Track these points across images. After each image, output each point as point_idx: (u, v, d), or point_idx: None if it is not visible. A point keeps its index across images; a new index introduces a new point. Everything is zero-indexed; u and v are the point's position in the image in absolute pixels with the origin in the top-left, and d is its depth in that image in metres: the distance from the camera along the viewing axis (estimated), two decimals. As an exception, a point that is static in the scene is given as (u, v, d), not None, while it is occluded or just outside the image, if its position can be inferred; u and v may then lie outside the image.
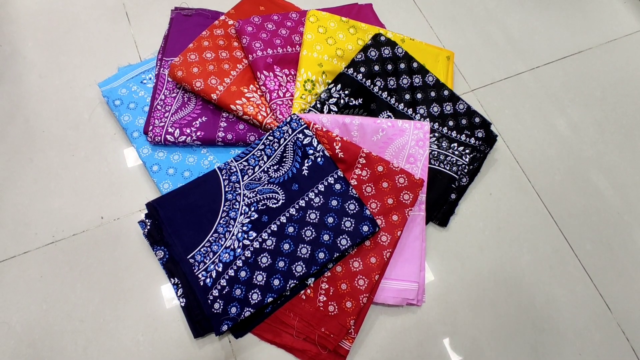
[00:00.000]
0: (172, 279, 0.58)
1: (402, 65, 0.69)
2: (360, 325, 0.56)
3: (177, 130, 0.64)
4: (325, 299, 0.55)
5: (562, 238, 0.67)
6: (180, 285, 0.57)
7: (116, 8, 0.79)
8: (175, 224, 0.59)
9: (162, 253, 0.59)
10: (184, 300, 0.56)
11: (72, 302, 0.58)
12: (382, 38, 0.69)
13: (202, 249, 0.57)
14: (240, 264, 0.56)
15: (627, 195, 0.71)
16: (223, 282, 0.55)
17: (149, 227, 0.59)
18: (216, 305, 0.54)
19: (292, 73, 0.67)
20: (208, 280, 0.55)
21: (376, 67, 0.68)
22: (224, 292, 0.54)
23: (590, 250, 0.66)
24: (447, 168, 0.65)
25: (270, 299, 0.53)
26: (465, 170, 0.66)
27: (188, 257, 0.57)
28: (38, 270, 0.59)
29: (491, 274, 0.63)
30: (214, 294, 0.55)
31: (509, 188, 0.70)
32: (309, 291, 0.56)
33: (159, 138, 0.63)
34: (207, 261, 0.56)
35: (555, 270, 0.65)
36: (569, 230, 0.67)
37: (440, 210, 0.64)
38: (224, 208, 0.59)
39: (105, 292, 0.58)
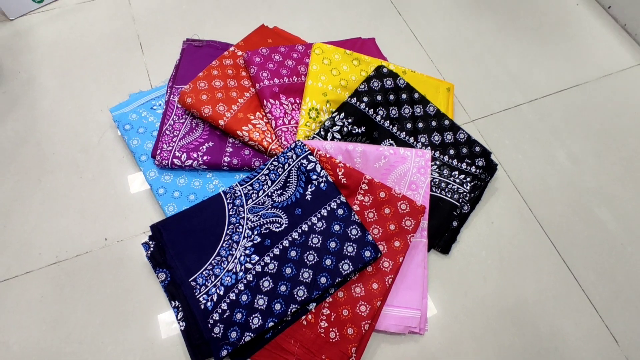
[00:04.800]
0: (172, 302, 0.58)
1: (404, 96, 0.71)
2: (362, 353, 0.55)
3: (184, 154, 0.65)
4: (326, 325, 0.54)
5: (565, 268, 0.66)
6: (180, 309, 0.57)
7: (130, 38, 0.83)
8: (178, 247, 0.59)
9: (164, 275, 0.59)
10: (184, 324, 0.56)
11: (71, 323, 0.57)
12: (385, 70, 0.72)
13: (204, 272, 0.57)
14: (242, 288, 0.56)
15: (629, 226, 0.71)
16: (224, 305, 0.55)
17: (152, 249, 0.60)
18: (216, 330, 0.53)
19: (297, 102, 0.70)
20: (209, 303, 0.55)
21: (379, 97, 0.70)
22: (225, 316, 0.54)
23: (594, 281, 0.66)
24: (449, 196, 0.66)
25: (271, 324, 0.53)
26: (467, 198, 0.67)
27: (190, 280, 0.57)
28: (39, 290, 0.59)
29: (495, 304, 0.63)
30: (214, 318, 0.54)
31: (510, 217, 0.70)
32: (310, 317, 0.55)
33: (167, 162, 0.65)
34: (208, 284, 0.56)
35: (560, 301, 0.64)
36: (572, 261, 0.67)
37: (442, 238, 0.65)
38: (227, 231, 0.60)
39: (106, 314, 0.58)
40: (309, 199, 0.60)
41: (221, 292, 0.56)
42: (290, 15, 0.89)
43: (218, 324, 0.53)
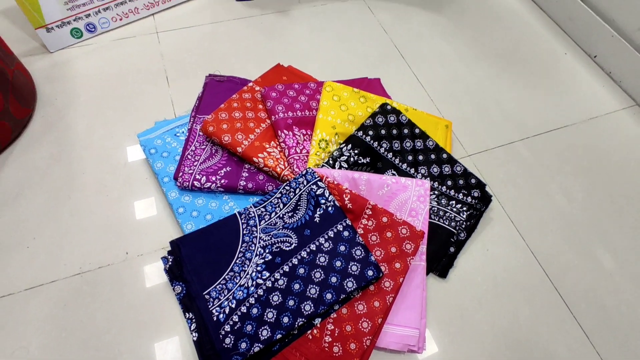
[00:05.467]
0: (186, 314, 0.61)
1: (406, 131, 0.78)
2: (363, 368, 0.58)
3: (204, 177, 0.71)
4: (330, 339, 0.58)
5: (557, 295, 0.70)
6: (193, 320, 0.61)
7: (158, 72, 0.92)
8: (195, 262, 0.64)
9: (180, 288, 0.63)
10: (196, 335, 0.59)
11: (90, 331, 0.61)
12: (388, 107, 0.79)
13: (217, 286, 0.61)
14: (253, 301, 0.60)
15: (617, 257, 0.75)
16: (235, 317, 0.59)
17: (170, 263, 0.64)
18: (227, 340, 0.57)
19: (309, 133, 0.77)
20: (221, 316, 0.59)
21: (383, 131, 0.77)
22: (236, 328, 0.58)
23: (585, 308, 0.69)
24: (446, 223, 0.71)
25: (279, 336, 0.56)
26: (463, 226, 0.72)
27: (204, 293, 0.61)
28: (62, 299, 0.63)
29: (489, 327, 0.66)
30: (225, 329, 0.58)
31: (504, 245, 0.75)
32: (315, 331, 0.59)
33: (187, 184, 0.70)
34: (221, 298, 0.60)
35: (552, 327, 0.67)
36: (563, 289, 0.71)
37: (440, 262, 0.69)
38: (241, 249, 0.65)
39: (123, 324, 0.62)
40: (318, 221, 0.66)
41: (233, 305, 0.60)
42: (304, 56, 0.98)
43: (229, 335, 0.57)
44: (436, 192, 0.74)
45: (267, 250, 0.64)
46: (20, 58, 0.88)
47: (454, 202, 0.74)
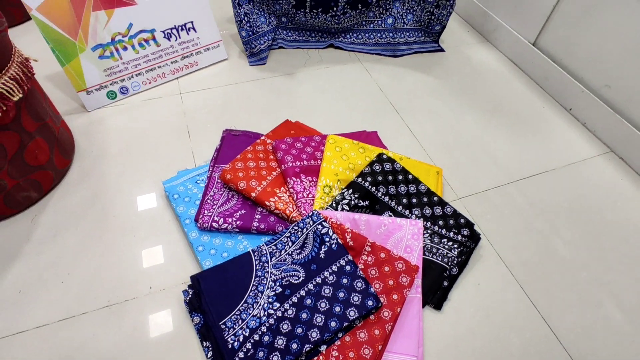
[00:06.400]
0: (203, 342, 0.68)
1: (400, 177, 0.88)
2: (366, 393, 0.63)
3: (222, 219, 0.80)
4: (335, 365, 0.64)
5: (546, 326, 0.76)
6: (210, 349, 0.67)
7: (181, 128, 1.04)
8: (213, 295, 0.71)
9: (198, 319, 0.70)
10: (213, 362, 0.65)
11: (116, 359, 0.67)
12: (384, 156, 0.89)
13: (233, 317, 0.68)
14: (265, 330, 0.66)
15: (602, 288, 0.81)
16: (249, 345, 0.65)
17: (190, 295, 0.72)
18: (241, 366, 0.63)
19: (314, 180, 0.87)
20: (236, 343, 0.65)
21: (380, 178, 0.87)
22: (249, 354, 0.64)
23: (574, 339, 0.74)
24: (439, 259, 0.79)
25: (288, 361, 0.62)
26: (455, 262, 0.79)
27: (220, 323, 0.68)
28: (92, 329, 0.70)
29: (483, 356, 0.71)
30: (239, 356, 0.64)
31: (494, 280, 0.81)
32: (321, 358, 0.65)
33: (207, 225, 0.79)
34: (236, 327, 0.67)
35: (544, 356, 0.72)
36: (551, 320, 0.76)
37: (435, 296, 0.76)
38: (254, 283, 0.72)
39: (145, 352, 0.68)
40: (323, 257, 0.73)
41: (247, 334, 0.66)
42: (310, 112, 1.10)
43: (243, 361, 0.63)
44: (429, 231, 0.83)
45: (277, 284, 0.71)
46: (64, 116, 1.01)
47: (445, 240, 0.82)
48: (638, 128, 1.03)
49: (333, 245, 0.74)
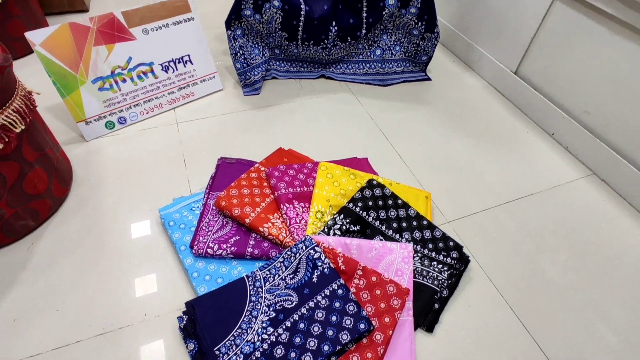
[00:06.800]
0: (198, 370, 0.68)
1: (390, 202, 0.91)
2: (359, 417, 0.63)
3: (216, 245, 0.82)
4: (328, 389, 0.64)
5: (536, 347, 0.77)
6: (205, 376, 0.67)
7: (177, 156, 1.07)
8: (207, 320, 0.72)
9: (193, 345, 0.70)
10: (207, 389, 0.66)
11: (110, 388, 0.67)
12: (374, 182, 0.92)
13: (227, 342, 0.69)
14: (259, 355, 0.67)
15: (590, 307, 0.83)
16: (243, 371, 0.65)
17: (185, 322, 0.72)
18: (235, 392, 0.63)
19: (307, 206, 0.89)
20: (230, 370, 0.66)
21: (370, 203, 0.89)
22: (243, 380, 0.64)
23: (563, 357, 0.76)
24: (430, 282, 0.80)
25: (282, 386, 0.63)
26: (445, 284, 0.81)
27: (215, 349, 0.68)
28: (86, 358, 0.70)
29: (475, 378, 0.72)
30: (234, 382, 0.64)
31: (484, 302, 0.83)
32: (314, 382, 0.65)
33: (202, 251, 0.81)
34: (230, 353, 0.68)
35: (533, 378, 0.73)
36: (542, 340, 0.78)
37: (426, 318, 0.77)
38: (248, 308, 0.73)
39: (140, 380, 0.68)
40: (315, 281, 0.75)
41: (241, 359, 0.67)
42: (302, 140, 1.14)
43: (237, 387, 0.64)
44: (419, 255, 0.85)
45: (271, 309, 0.73)
46: (62, 146, 1.04)
47: (435, 262, 0.84)
48: (617, 151, 1.08)
49: (325, 270, 0.76)
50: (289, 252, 0.79)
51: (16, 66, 1.35)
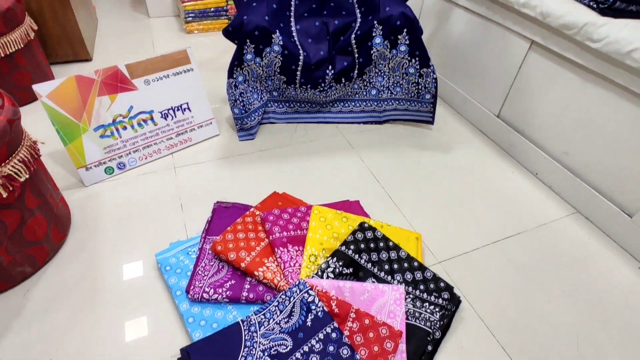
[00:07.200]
0: (192, 419, 0.68)
1: (381, 244, 0.93)
2: None
3: (212, 289, 0.83)
4: None
5: (528, 390, 0.78)
6: None
7: (174, 201, 1.10)
8: (202, 367, 0.72)
9: (187, 394, 0.70)
10: None
11: None
12: (366, 225, 0.96)
13: (222, 390, 0.69)
14: (253, 403, 0.67)
15: (583, 344, 0.84)
16: (237, 420, 0.65)
17: (180, 369, 0.73)
18: None
19: (301, 249, 0.91)
20: (224, 419, 0.66)
21: (362, 245, 0.92)
22: None
23: (556, 402, 0.76)
24: (422, 324, 0.82)
25: None
26: (438, 326, 0.82)
27: (209, 397, 0.69)
28: (79, 410, 0.70)
29: (470, 423, 0.72)
30: None
31: (477, 342, 0.84)
32: None
33: (197, 296, 0.82)
34: (225, 401, 0.68)
35: (528, 422, 0.73)
36: (534, 383, 0.79)
37: (420, 361, 0.78)
38: (243, 353, 0.74)
39: None
40: (309, 325, 0.76)
41: (235, 408, 0.67)
42: (296, 184, 1.18)
43: None
44: (411, 296, 0.86)
45: (266, 353, 0.73)
46: (62, 191, 1.07)
47: (427, 304, 0.86)
48: (598, 190, 1.13)
49: (319, 313, 0.77)
50: (283, 296, 0.81)
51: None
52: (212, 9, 2.08)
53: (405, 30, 1.21)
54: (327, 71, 1.28)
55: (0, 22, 1.27)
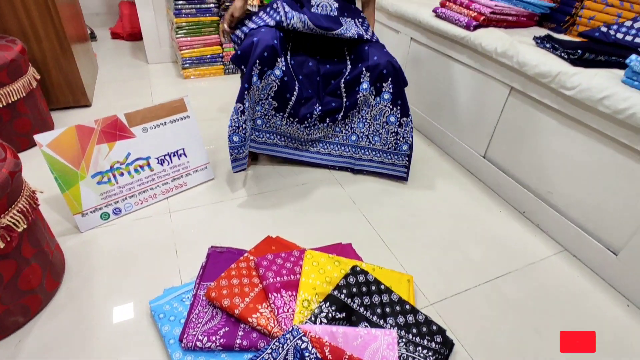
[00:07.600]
0: None
1: (373, 287, 0.95)
2: None
3: (205, 337, 0.83)
4: None
5: None
6: None
7: (169, 245, 1.11)
8: (194, 421, 0.71)
9: None
10: None
11: None
12: (358, 268, 0.97)
13: None
14: None
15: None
16: None
17: (172, 423, 0.72)
18: None
19: (294, 294, 0.92)
20: None
21: (354, 289, 0.93)
22: None
23: None
24: (416, 369, 0.82)
25: None
26: (431, 371, 0.83)
27: None
28: None
29: None
30: None
31: (471, 388, 0.84)
32: None
33: (190, 344, 0.82)
34: None
35: None
36: None
37: (414, 408, 0.77)
38: (236, 405, 0.73)
39: None
40: (303, 373, 0.76)
41: None
42: (289, 228, 1.20)
43: None
44: (404, 340, 0.87)
45: (259, 405, 0.73)
46: (57, 238, 1.08)
47: (420, 348, 0.86)
48: (583, 229, 1.16)
49: (313, 361, 0.78)
50: (277, 343, 0.81)
51: (18, 160, 1.42)
52: (208, 56, 2.18)
53: (390, 79, 1.28)
54: (315, 107, 1.32)
55: (3, 73, 1.33)
